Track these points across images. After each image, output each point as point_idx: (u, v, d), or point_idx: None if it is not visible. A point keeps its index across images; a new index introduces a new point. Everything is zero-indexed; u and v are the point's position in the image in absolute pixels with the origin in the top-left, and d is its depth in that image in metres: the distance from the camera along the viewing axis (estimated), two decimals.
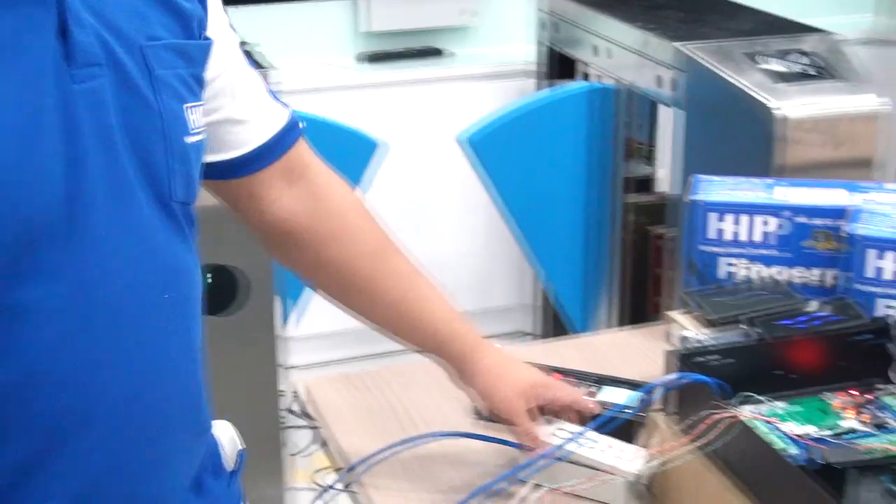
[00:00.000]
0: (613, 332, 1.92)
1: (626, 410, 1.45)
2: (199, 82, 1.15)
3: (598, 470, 1.37)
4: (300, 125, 1.34)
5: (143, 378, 1.05)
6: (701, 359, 1.37)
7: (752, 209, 1.72)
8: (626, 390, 1.51)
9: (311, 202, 1.36)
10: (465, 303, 4.15)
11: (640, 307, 3.16)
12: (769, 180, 1.79)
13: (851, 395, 1.37)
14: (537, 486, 1.39)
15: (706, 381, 1.29)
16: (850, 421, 1.32)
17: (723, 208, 1.72)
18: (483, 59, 3.84)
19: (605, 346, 1.80)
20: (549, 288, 3.36)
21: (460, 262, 3.91)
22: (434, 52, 3.89)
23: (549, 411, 1.44)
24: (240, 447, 1.30)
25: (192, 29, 1.14)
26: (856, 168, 2.37)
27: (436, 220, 3.84)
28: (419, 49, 3.87)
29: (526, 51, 3.68)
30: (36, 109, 0.94)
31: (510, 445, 1.44)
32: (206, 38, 1.16)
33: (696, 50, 2.60)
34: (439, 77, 3.75)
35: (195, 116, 1.11)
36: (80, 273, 0.98)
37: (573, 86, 3.14)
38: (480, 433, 1.47)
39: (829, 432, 1.29)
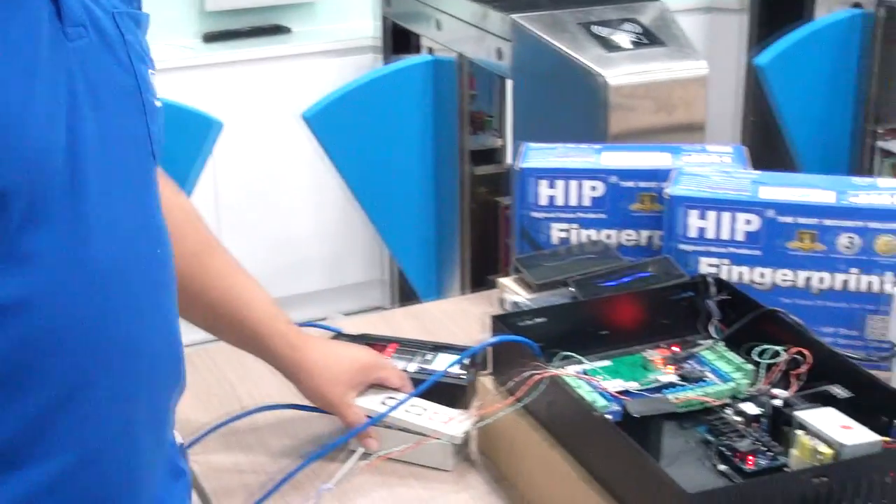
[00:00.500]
0: (451, 301, 1.94)
1: (462, 376, 1.48)
2: (149, 51, 1.16)
3: (425, 436, 1.39)
4: None
5: (145, 330, 1.06)
6: (525, 321, 1.40)
7: (580, 174, 1.75)
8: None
9: None
10: (319, 281, 4.17)
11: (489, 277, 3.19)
12: (597, 146, 1.82)
13: (672, 350, 1.42)
14: (366, 454, 1.41)
15: (523, 342, 1.31)
16: (669, 375, 1.36)
17: (551, 175, 1.76)
18: (328, 35, 3.83)
19: (443, 315, 1.82)
20: (399, 262, 3.38)
21: (313, 240, 3.91)
22: (282, 30, 3.88)
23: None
24: (179, 440, 1.30)
25: (133, 1, 1.15)
26: (688, 132, 2.43)
27: (287, 198, 3.84)
28: (266, 27, 3.85)
29: (370, 26, 3.69)
30: (36, 59, 0.95)
31: None
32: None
33: (530, 21, 2.63)
34: (285, 55, 3.73)
35: (156, 83, 1.13)
36: (85, 223, 0.98)
37: (413, 60, 3.15)
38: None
39: (648, 387, 1.34)
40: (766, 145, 3.73)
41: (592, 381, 1.32)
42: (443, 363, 1.51)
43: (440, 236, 3.28)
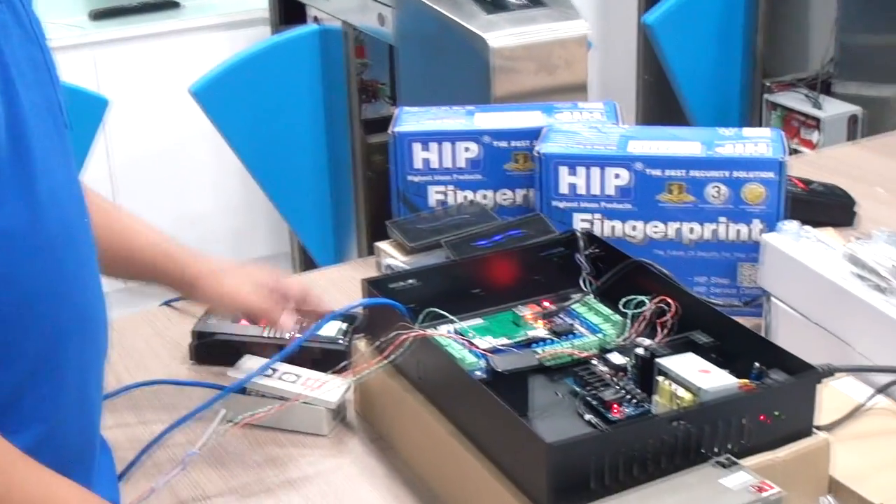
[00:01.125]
0: (335, 268, 1.94)
1: (340, 342, 1.48)
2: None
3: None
4: None
5: (90, 296, 1.09)
6: (398, 284, 1.41)
7: (454, 136, 1.76)
8: (340, 324, 1.54)
9: None
10: (223, 256, 4.11)
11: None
12: (470, 107, 1.83)
13: (543, 306, 1.43)
14: (230, 419, 1.40)
15: (388, 303, 1.32)
16: (539, 330, 1.38)
17: (425, 137, 1.76)
18: (218, 8, 3.80)
19: (328, 282, 1.82)
20: (297, 233, 3.38)
21: (216, 215, 3.88)
22: (171, 5, 3.84)
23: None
24: None
25: None
26: (571, 93, 2.44)
27: (186, 175, 3.80)
28: (155, 2, 3.81)
29: None
30: None
31: (214, 388, 1.44)
32: None
33: None
34: (175, 29, 3.70)
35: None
36: (35, 195, 1.00)
37: (299, 30, 3.14)
38: (192, 379, 1.51)
39: (519, 343, 1.35)
40: (662, 103, 3.77)
41: (461, 339, 1.33)
42: (321, 330, 1.51)
43: (336, 206, 3.27)
